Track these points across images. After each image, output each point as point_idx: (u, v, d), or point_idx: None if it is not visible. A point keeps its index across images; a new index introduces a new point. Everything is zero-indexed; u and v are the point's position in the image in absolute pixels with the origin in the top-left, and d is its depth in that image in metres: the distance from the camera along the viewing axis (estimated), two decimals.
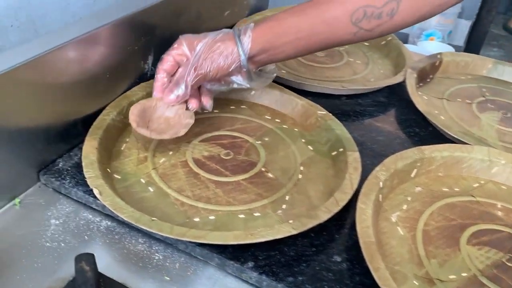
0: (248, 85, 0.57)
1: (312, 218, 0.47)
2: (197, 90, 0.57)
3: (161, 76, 0.55)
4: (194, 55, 0.53)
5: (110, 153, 0.56)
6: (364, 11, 0.52)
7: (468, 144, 0.61)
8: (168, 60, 0.55)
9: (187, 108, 0.56)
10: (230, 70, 0.54)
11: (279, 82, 0.71)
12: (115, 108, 0.59)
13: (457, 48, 1.12)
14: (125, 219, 0.45)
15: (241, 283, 0.45)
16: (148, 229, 0.44)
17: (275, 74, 0.61)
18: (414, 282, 0.46)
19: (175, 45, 0.55)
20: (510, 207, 0.56)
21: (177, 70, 0.56)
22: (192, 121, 0.56)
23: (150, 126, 0.56)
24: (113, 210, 0.46)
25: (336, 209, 0.48)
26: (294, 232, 0.45)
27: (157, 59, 0.67)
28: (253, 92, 0.69)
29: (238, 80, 0.57)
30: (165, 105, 0.56)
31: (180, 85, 0.54)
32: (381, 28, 0.54)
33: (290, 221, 0.46)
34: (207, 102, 0.58)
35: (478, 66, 0.84)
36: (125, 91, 0.62)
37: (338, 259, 0.47)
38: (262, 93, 0.69)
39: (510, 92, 0.80)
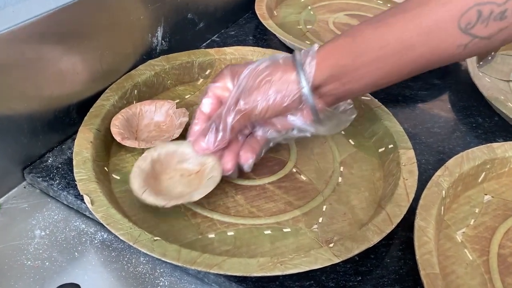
0: (313, 130, 0.41)
1: (358, 241, 0.36)
2: (242, 138, 0.43)
3: (198, 120, 0.42)
4: (236, 86, 0.40)
5: (109, 147, 0.46)
6: (478, 12, 0.34)
7: None
8: (206, 100, 0.42)
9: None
10: (286, 105, 0.39)
11: None
12: (117, 91, 0.49)
13: None
14: (121, 237, 0.35)
15: None
16: (148, 253, 0.34)
17: (354, 115, 0.43)
18: None
19: (217, 79, 0.42)
20: None
21: None
22: (186, 119, 0.47)
23: (139, 137, 0.46)
24: (106, 225, 0.36)
25: (389, 228, 0.38)
26: (336, 260, 0.35)
27: (167, 31, 0.57)
28: None
29: (299, 122, 0.41)
30: (153, 108, 0.48)
31: (216, 126, 0.39)
32: (505, 34, 0.35)
33: (331, 245, 0.36)
34: (246, 159, 0.42)
35: None
36: (129, 70, 0.52)
37: None
38: None
39: None
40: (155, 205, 0.38)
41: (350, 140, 0.51)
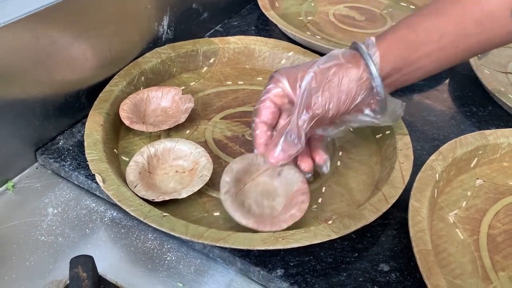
0: (377, 120, 0.41)
1: (355, 219, 0.38)
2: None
3: (261, 131, 0.41)
4: (301, 92, 0.38)
5: (117, 130, 0.48)
6: None
7: None
8: (266, 108, 0.41)
9: (298, 167, 0.42)
10: (357, 102, 0.39)
11: (314, 49, 0.61)
12: (125, 77, 0.51)
13: None
14: (132, 213, 0.37)
15: None
16: (158, 227, 0.37)
17: (404, 104, 0.43)
18: None
19: (271, 86, 0.41)
20: None
21: (278, 119, 0.42)
22: (192, 105, 0.49)
23: (146, 121, 0.48)
24: (117, 202, 0.38)
25: (385, 207, 0.40)
26: (335, 236, 0.37)
27: (172, 21, 0.59)
28: (283, 61, 0.59)
29: (367, 117, 0.41)
30: (159, 94, 0.49)
31: (288, 135, 0.38)
32: None
33: (330, 222, 0.38)
34: (321, 159, 0.42)
35: None
36: (136, 58, 0.54)
37: (386, 268, 0.39)
38: (294, 63, 0.59)
39: None
40: (146, 198, 0.40)
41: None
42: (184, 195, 0.40)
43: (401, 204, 0.42)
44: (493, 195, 0.46)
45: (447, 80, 0.63)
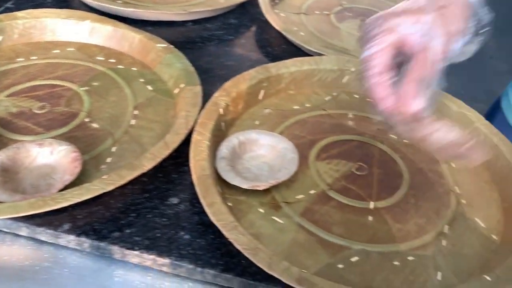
0: (475, 48, 0.39)
1: (133, 169, 0.40)
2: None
3: (383, 82, 0.35)
4: (426, 20, 0.35)
5: None
6: None
7: None
8: (384, 54, 0.35)
9: None
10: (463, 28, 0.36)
11: (112, 15, 0.61)
12: None
13: None
14: None
15: (61, 250, 0.39)
16: None
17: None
18: (260, 210, 0.42)
19: (382, 31, 0.35)
20: (361, 115, 0.53)
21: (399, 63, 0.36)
22: None
23: None
24: None
25: (164, 154, 0.42)
26: (109, 188, 0.38)
27: None
28: (80, 29, 0.58)
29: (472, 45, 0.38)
30: None
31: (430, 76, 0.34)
32: None
33: (105, 176, 0.39)
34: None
35: None
36: None
37: (175, 201, 0.42)
38: (92, 31, 0.59)
39: None
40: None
41: (148, 86, 0.54)
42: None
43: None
44: (279, 119, 0.51)
45: (247, 29, 0.67)
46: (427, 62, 0.35)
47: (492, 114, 0.64)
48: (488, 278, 0.36)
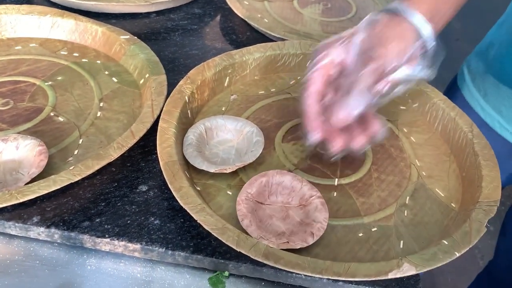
0: (428, 76, 0.40)
1: (99, 159, 0.41)
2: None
3: (313, 101, 0.40)
4: (353, 50, 0.39)
5: None
6: None
7: None
8: (318, 77, 0.40)
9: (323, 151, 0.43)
10: (409, 54, 0.39)
11: (73, 9, 0.61)
12: None
13: None
14: None
15: (32, 243, 0.39)
16: None
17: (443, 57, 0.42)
18: (228, 192, 0.43)
19: (319, 57, 0.40)
20: None
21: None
22: None
23: None
24: None
25: (130, 143, 0.43)
26: (76, 179, 0.39)
27: None
28: (40, 25, 0.58)
29: (415, 70, 0.40)
30: None
31: (354, 91, 0.38)
32: None
33: (71, 168, 0.40)
34: (381, 124, 0.41)
35: None
36: None
37: (144, 188, 0.43)
38: (54, 26, 0.58)
39: None
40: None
41: (113, 78, 0.54)
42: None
43: None
44: (244, 105, 0.52)
45: (211, 18, 0.68)
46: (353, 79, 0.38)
47: (451, 91, 0.66)
48: (445, 242, 0.38)
